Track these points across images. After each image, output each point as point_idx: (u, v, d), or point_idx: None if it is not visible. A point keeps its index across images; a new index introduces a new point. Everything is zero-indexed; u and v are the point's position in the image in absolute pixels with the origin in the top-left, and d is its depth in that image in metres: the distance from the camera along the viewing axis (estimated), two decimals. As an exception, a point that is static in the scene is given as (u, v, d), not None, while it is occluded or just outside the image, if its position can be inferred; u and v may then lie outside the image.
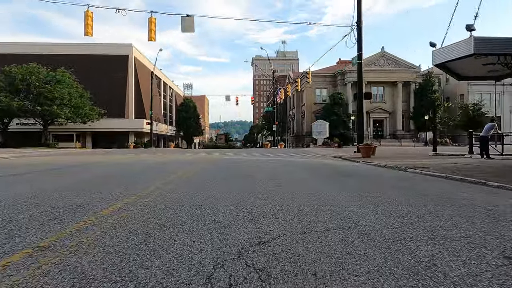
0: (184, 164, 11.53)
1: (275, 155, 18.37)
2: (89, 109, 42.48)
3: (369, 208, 3.92)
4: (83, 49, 50.52)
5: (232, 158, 15.15)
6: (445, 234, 2.83)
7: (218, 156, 16.63)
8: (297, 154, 20.04)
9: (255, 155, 17.59)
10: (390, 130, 50.93)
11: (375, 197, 4.73)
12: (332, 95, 48.18)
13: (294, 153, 22.59)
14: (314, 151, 28.27)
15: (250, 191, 5.35)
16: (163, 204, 4.10)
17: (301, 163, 12.71)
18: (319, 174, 8.80)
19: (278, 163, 12.56)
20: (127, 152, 23.67)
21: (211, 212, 3.68)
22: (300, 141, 56.10)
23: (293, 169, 9.99)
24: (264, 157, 16.48)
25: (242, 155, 17.52)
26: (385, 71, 49.18)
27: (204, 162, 12.77)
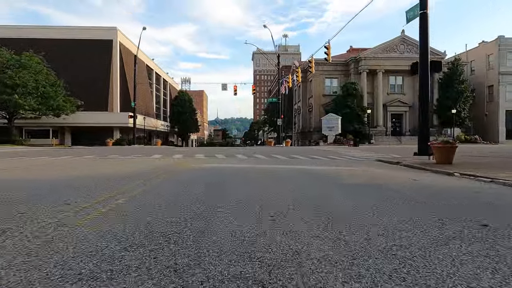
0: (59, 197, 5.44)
1: (288, 158, 12.24)
2: (63, 100, 36.40)
3: None
4: (62, 33, 44.42)
5: (217, 168, 8.60)
6: None
7: (195, 163, 9.80)
8: (316, 157, 13.98)
9: (259, 159, 11.53)
10: (410, 125, 44.79)
11: None
12: (345, 85, 42.01)
13: (309, 154, 16.48)
14: (331, 150, 22.19)
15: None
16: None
17: (364, 186, 6.61)
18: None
19: (317, 185, 6.48)
20: (67, 154, 17.17)
21: None
22: (307, 137, 50.02)
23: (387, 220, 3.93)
24: (272, 163, 10.31)
25: (237, 159, 11.80)
26: (405, 58, 42.87)
27: (140, 183, 6.72)
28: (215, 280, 1.60)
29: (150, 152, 17.30)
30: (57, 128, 45.16)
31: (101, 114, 43.80)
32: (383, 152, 19.11)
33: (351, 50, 54.22)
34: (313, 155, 14.79)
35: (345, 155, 15.71)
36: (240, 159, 11.07)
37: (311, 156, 14.21)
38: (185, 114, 66.88)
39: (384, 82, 43.77)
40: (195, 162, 9.67)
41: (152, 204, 3.53)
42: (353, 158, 13.42)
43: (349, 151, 20.95)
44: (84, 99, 42.34)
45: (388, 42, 43.06)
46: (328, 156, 14.16)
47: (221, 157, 12.44)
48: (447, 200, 4.06)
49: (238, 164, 9.36)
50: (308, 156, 14.06)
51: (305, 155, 15.03)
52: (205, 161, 10.20)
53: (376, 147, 33.17)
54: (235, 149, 25.95)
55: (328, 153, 17.07)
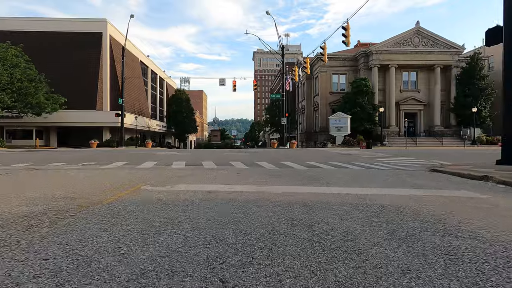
0: None
1: (308, 168, 8.40)
2: (45, 97, 32.85)
3: None
4: (46, 25, 40.93)
5: (182, 204, 3.76)
6: None
7: (156, 183, 5.57)
8: (344, 165, 10.40)
9: (266, 171, 7.69)
10: (425, 125, 41.19)
11: None
12: (355, 81, 38.44)
13: (330, 161, 12.92)
14: (352, 154, 18.63)
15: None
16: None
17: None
18: None
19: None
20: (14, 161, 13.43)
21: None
22: (312, 139, 46.47)
23: None
24: (293, 181, 6.14)
25: (232, 171, 7.56)
26: (420, 52, 39.42)
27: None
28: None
29: (116, 157, 13.38)
30: (42, 128, 41.68)
31: (89, 113, 40.26)
32: (414, 156, 15.53)
33: (358, 45, 50.69)
34: (337, 162, 11.18)
35: (377, 161, 12.12)
36: (237, 172, 7.33)
37: (337, 163, 10.57)
38: (182, 114, 63.32)
39: (397, 78, 40.20)
40: (156, 182, 5.85)
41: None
42: (396, 166, 9.83)
43: (373, 155, 17.37)
44: (71, 97, 38.82)
45: (401, 35, 39.51)
46: (359, 163, 10.58)
47: (209, 167, 8.74)
48: None
49: (233, 185, 5.34)
50: (332, 164, 10.42)
51: (325, 161, 11.41)
52: (178, 178, 6.12)
53: (393, 149, 29.57)
54: (234, 152, 22.31)
55: (352, 158, 13.48)
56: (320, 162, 10.77)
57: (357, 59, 41.97)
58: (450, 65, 39.86)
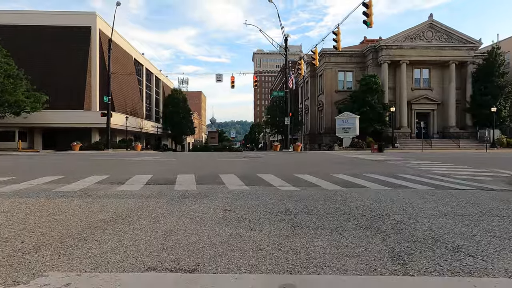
0: None
1: (346, 190, 5.27)
2: (25, 95, 29.89)
3: None
4: (30, 18, 37.97)
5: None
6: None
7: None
8: (402, 179, 7.42)
9: (281, 193, 4.90)
10: (439, 126, 38.20)
11: None
12: (364, 78, 35.48)
13: (357, 170, 9.94)
14: (379, 159, 15.72)
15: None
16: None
17: None
18: None
19: None
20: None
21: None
22: (316, 141, 43.48)
23: None
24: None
25: (202, 212, 3.62)
26: (433, 47, 36.51)
27: None
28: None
29: (60, 167, 10.04)
30: (25, 129, 38.69)
31: (76, 113, 37.27)
32: (451, 162, 12.55)
33: (365, 41, 47.80)
34: (375, 175, 8.07)
35: (425, 171, 9.12)
36: (226, 208, 3.95)
37: (378, 177, 7.41)
38: (179, 115, 60.47)
39: (408, 75, 37.26)
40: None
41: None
42: (466, 180, 6.82)
43: (399, 161, 14.41)
44: (57, 96, 35.96)
45: (413, 29, 36.60)
46: (412, 177, 7.52)
47: (181, 189, 5.50)
48: None
49: (205, 274, 2.00)
50: (371, 178, 7.19)
51: (355, 173, 8.33)
52: (74, 241, 2.66)
53: (409, 152, 26.61)
54: (231, 157, 19.26)
55: (385, 167, 10.49)
56: (351, 175, 7.66)
57: (365, 55, 39.05)
58: (465, 61, 36.92)
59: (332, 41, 16.48)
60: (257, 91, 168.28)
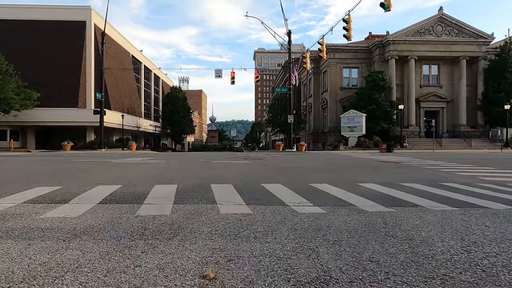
0: None
1: (412, 225, 3.33)
2: (15, 92, 28.45)
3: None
4: (21, 12, 36.46)
5: None
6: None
7: None
8: (459, 192, 5.74)
9: (306, 227, 3.10)
10: (448, 125, 36.55)
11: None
12: (371, 74, 33.88)
13: (393, 177, 8.38)
14: (388, 160, 14.20)
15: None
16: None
17: None
18: None
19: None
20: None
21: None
22: (320, 140, 41.92)
23: None
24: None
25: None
26: (443, 42, 34.85)
27: None
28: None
29: (15, 173, 8.36)
30: (17, 128, 37.26)
31: (70, 111, 35.78)
32: (473, 163, 11.00)
33: (370, 37, 46.19)
34: (414, 183, 6.38)
35: (461, 175, 7.57)
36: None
37: (414, 186, 5.91)
38: (179, 114, 58.79)
39: (416, 72, 35.62)
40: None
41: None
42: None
43: (418, 162, 12.87)
44: (50, 93, 34.52)
45: (422, 23, 34.95)
46: (465, 188, 5.88)
47: (141, 225, 2.98)
48: None
49: None
50: (409, 187, 5.61)
51: (387, 181, 6.74)
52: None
53: (420, 152, 25.04)
54: (229, 158, 17.70)
55: (415, 172, 8.94)
56: (382, 184, 5.93)
57: (371, 50, 37.42)
58: (477, 57, 35.26)
59: (342, 29, 14.85)
60: (258, 90, 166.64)
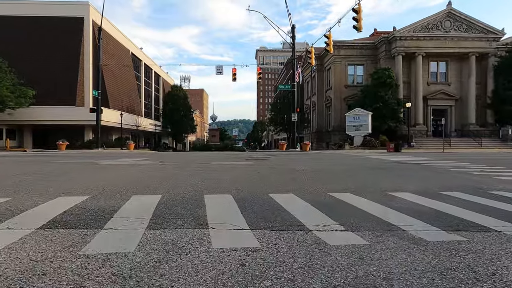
0: None
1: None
2: (9, 89, 27.57)
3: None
4: (17, 8, 35.56)
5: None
6: None
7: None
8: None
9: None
10: (457, 123, 35.40)
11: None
12: (377, 71, 32.79)
13: (418, 177, 7.34)
14: (414, 161, 13.15)
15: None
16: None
17: None
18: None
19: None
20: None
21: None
22: (324, 139, 40.88)
23: None
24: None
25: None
26: (452, 38, 33.72)
27: None
28: None
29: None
30: (14, 126, 36.40)
31: (68, 109, 34.86)
32: (501, 164, 9.93)
33: (375, 33, 45.06)
34: (448, 191, 5.33)
35: (500, 180, 6.52)
36: None
37: (461, 196, 4.63)
38: (179, 113, 57.84)
39: (424, 69, 34.50)
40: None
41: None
42: None
43: (438, 162, 11.83)
44: (47, 91, 33.65)
45: (429, 18, 33.82)
46: (503, 196, 4.82)
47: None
48: None
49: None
50: (456, 198, 4.37)
51: (414, 187, 5.62)
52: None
53: (428, 152, 23.96)
54: (230, 158, 16.64)
55: (435, 173, 7.90)
56: (419, 193, 4.81)
57: (377, 47, 36.31)
58: (487, 53, 34.09)
59: (352, 19, 13.76)
60: (260, 89, 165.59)
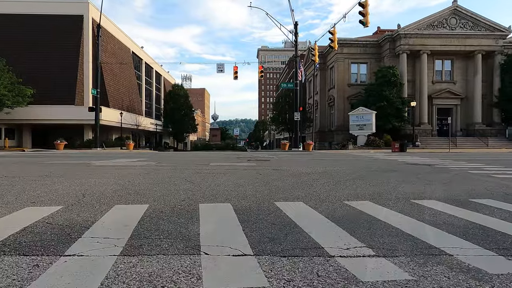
0: None
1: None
2: (7, 88, 27.14)
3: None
4: (16, 6, 35.13)
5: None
6: None
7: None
8: None
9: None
10: (462, 123, 34.75)
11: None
12: (381, 70, 32.20)
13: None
14: (426, 162, 12.58)
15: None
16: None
17: None
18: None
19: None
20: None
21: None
22: (326, 139, 40.31)
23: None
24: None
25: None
26: (457, 36, 33.05)
27: None
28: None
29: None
30: (13, 126, 35.98)
31: (67, 108, 34.43)
32: (504, 163, 9.35)
33: (378, 32, 44.45)
34: (479, 198, 4.60)
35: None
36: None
37: (497, 205, 4.08)
38: (180, 112, 57.37)
39: (428, 67, 33.86)
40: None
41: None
42: None
43: (445, 161, 11.24)
44: (46, 90, 33.25)
45: (435, 15, 33.17)
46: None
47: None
48: None
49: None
50: (495, 208, 3.86)
51: (440, 192, 4.97)
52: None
53: (435, 152, 23.36)
54: (230, 159, 16.08)
55: (455, 176, 7.33)
56: (449, 201, 4.22)
57: (381, 45, 35.69)
58: (493, 51, 33.41)
59: (358, 14, 13.18)
60: (262, 88, 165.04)
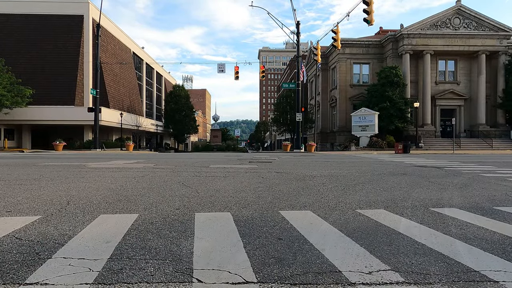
0: None
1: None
2: (6, 89, 26.89)
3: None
4: (15, 6, 34.91)
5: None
6: None
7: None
8: None
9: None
10: (466, 124, 34.32)
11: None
12: (383, 70, 31.82)
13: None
14: (434, 164, 12.24)
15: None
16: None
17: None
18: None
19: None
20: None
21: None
22: (328, 140, 39.97)
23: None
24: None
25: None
26: (461, 36, 32.66)
27: None
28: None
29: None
30: (12, 126, 35.76)
31: (67, 109, 34.21)
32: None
33: (380, 32, 44.08)
34: (503, 206, 4.28)
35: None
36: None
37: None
38: (181, 113, 57.05)
39: (432, 68, 33.47)
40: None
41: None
42: None
43: (453, 163, 10.89)
44: (45, 90, 33.08)
45: (438, 15, 32.79)
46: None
47: None
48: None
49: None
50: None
51: (459, 199, 4.63)
52: None
53: (439, 154, 22.98)
54: (231, 161, 15.71)
55: (472, 180, 6.97)
56: (471, 210, 3.96)
57: (384, 45, 35.32)
58: (497, 52, 33.00)
59: (363, 12, 12.82)
60: (263, 89, 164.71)
